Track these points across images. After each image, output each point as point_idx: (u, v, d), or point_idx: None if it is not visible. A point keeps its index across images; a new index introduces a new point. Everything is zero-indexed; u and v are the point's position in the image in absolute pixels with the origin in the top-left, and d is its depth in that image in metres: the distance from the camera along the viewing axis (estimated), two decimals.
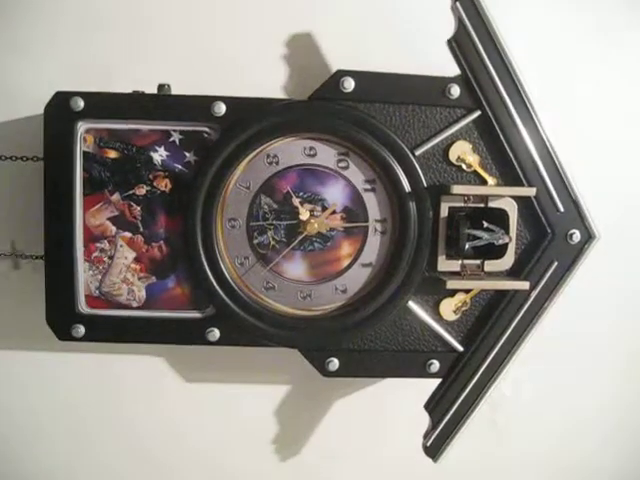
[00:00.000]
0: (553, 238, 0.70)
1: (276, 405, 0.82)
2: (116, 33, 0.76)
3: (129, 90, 0.70)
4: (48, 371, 0.80)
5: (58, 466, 0.83)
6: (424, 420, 0.73)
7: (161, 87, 0.72)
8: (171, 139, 0.69)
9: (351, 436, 0.83)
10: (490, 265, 0.70)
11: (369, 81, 0.68)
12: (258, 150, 0.69)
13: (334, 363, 0.71)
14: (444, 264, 0.70)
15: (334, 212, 0.70)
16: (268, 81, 0.75)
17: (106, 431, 0.82)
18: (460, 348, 0.72)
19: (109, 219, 0.70)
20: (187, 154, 0.69)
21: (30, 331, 0.78)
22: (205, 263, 0.69)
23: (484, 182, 0.70)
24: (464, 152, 0.70)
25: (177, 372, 0.81)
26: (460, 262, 0.70)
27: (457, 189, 0.67)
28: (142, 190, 0.70)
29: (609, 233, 0.72)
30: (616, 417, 0.85)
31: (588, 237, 0.70)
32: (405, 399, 0.78)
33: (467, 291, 0.72)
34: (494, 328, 0.71)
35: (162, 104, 0.69)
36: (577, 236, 0.70)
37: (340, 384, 0.79)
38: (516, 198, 0.70)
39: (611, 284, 0.81)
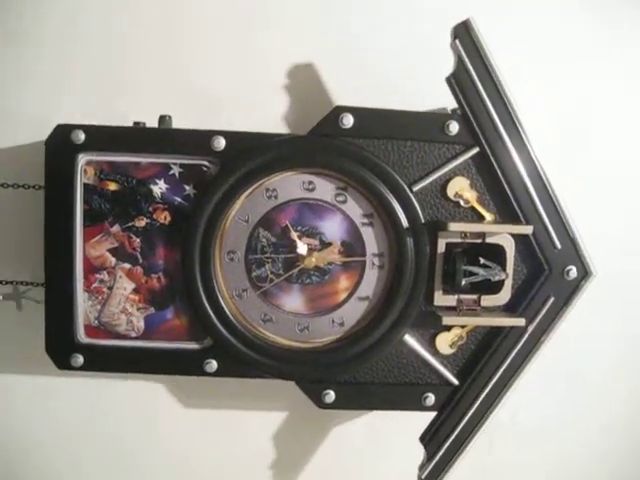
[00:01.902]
0: (550, 274, 0.71)
1: (273, 432, 0.83)
2: (119, 65, 0.77)
3: (130, 121, 0.71)
4: (46, 396, 0.81)
5: None
6: (420, 450, 0.73)
7: (162, 119, 0.72)
8: (171, 172, 0.70)
9: (348, 464, 0.84)
10: (487, 300, 0.71)
11: (368, 117, 0.69)
12: (257, 184, 0.70)
13: (330, 395, 0.72)
14: (440, 299, 0.71)
15: (330, 244, 0.71)
16: (268, 115, 0.75)
17: (103, 456, 0.83)
18: (456, 382, 0.73)
19: (109, 250, 0.70)
20: (186, 187, 0.70)
21: (29, 357, 0.78)
22: (203, 295, 0.70)
23: (482, 218, 0.71)
24: (462, 188, 0.70)
25: (174, 399, 0.82)
26: (457, 297, 0.70)
27: (454, 227, 0.68)
28: (142, 222, 0.70)
29: (606, 270, 0.72)
30: (613, 445, 0.86)
31: (585, 274, 0.71)
32: (402, 429, 0.79)
33: (463, 325, 0.72)
34: (490, 362, 0.72)
35: (162, 138, 0.69)
36: (574, 272, 0.71)
37: (337, 413, 0.80)
38: (513, 234, 0.70)
39: (610, 317, 0.82)
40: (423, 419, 0.73)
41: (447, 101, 0.71)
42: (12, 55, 0.77)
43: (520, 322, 0.69)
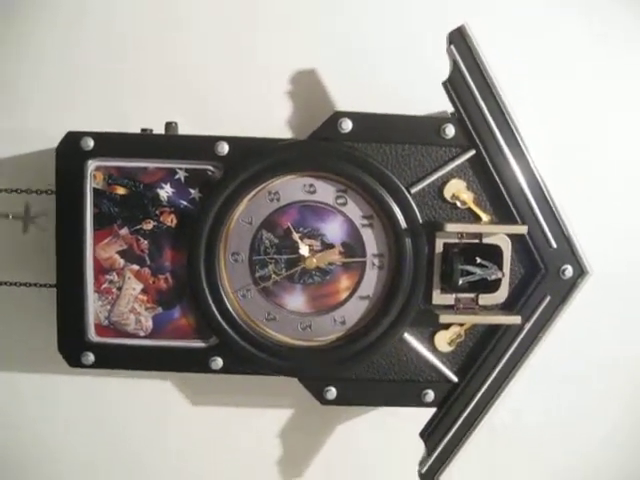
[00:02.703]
0: (546, 273, 0.72)
1: (279, 428, 0.85)
2: (125, 73, 0.79)
3: (138, 127, 0.74)
4: (54, 393, 0.84)
5: None
6: (421, 445, 0.75)
7: (168, 125, 0.75)
8: (177, 177, 0.72)
9: (351, 459, 0.85)
10: (484, 299, 0.72)
11: (366, 122, 0.71)
12: (260, 187, 0.72)
13: (332, 392, 0.74)
14: (439, 298, 0.72)
15: (331, 246, 0.73)
16: (270, 121, 0.78)
17: (109, 451, 0.85)
18: (455, 379, 0.74)
19: (118, 252, 0.73)
20: (192, 191, 0.72)
21: (38, 355, 0.81)
22: (208, 295, 0.72)
23: (478, 218, 0.72)
24: (459, 190, 0.72)
25: (181, 395, 0.84)
26: (454, 296, 0.72)
27: (451, 227, 0.69)
28: (149, 225, 0.73)
29: (607, 269, 0.74)
30: (615, 442, 0.87)
31: (580, 272, 0.72)
32: (404, 425, 0.80)
33: (462, 324, 0.74)
34: (488, 360, 0.73)
35: (168, 144, 0.72)
36: (569, 271, 0.72)
37: (341, 409, 0.82)
38: (510, 234, 0.71)
39: (607, 314, 0.83)
40: (423, 415, 0.75)
41: (446, 105, 0.73)
42: (20, 66, 0.80)
43: (516, 320, 0.71)
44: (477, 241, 0.71)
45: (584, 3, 0.80)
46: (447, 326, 0.74)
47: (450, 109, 0.74)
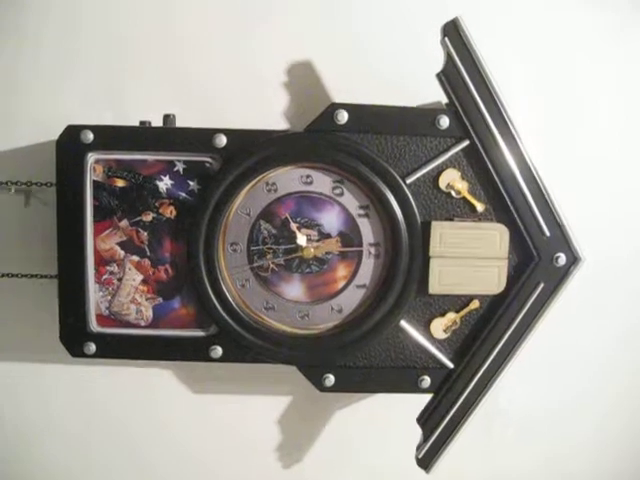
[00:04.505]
0: (540, 261, 0.73)
1: (278, 416, 0.86)
2: (123, 65, 0.80)
3: (136, 120, 0.74)
4: (54, 382, 0.85)
5: (62, 477, 0.88)
6: (418, 431, 0.76)
7: (166, 117, 0.75)
8: (175, 169, 0.73)
9: (349, 445, 0.87)
10: None
11: (362, 113, 0.72)
12: (257, 179, 0.73)
13: (330, 379, 0.75)
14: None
15: (328, 235, 0.74)
16: (268, 112, 0.79)
17: (109, 441, 0.87)
18: (450, 365, 0.76)
19: (118, 244, 0.74)
20: (190, 183, 0.73)
21: (37, 344, 0.83)
22: (208, 285, 0.73)
23: (473, 207, 0.74)
24: (453, 179, 0.73)
25: (181, 383, 0.85)
26: None
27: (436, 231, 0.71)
28: (149, 217, 0.74)
29: (595, 256, 0.75)
30: (610, 427, 0.88)
31: (573, 260, 0.73)
32: (400, 411, 0.82)
33: (457, 311, 0.75)
34: (483, 346, 0.75)
35: (166, 136, 0.73)
36: (562, 259, 0.73)
37: (339, 396, 0.83)
38: (506, 223, 0.72)
39: (602, 300, 0.85)
40: (420, 401, 0.76)
41: (441, 96, 0.74)
42: (18, 57, 0.80)
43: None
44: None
45: None
46: (443, 313, 0.75)
47: (444, 100, 0.75)
